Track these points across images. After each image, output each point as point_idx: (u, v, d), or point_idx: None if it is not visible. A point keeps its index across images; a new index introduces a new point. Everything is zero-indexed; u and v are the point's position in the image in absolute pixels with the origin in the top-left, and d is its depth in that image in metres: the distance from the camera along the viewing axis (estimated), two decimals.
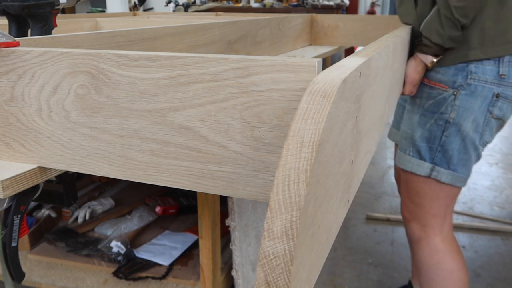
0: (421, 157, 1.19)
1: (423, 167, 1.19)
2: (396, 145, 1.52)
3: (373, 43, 0.68)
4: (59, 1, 0.85)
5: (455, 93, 1.12)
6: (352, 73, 0.40)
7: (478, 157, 1.19)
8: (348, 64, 0.43)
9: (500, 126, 1.16)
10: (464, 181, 1.19)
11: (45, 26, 0.82)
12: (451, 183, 1.18)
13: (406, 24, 1.20)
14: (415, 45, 1.15)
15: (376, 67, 0.57)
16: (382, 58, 0.62)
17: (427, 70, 1.17)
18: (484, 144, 1.17)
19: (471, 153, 1.16)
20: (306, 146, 0.31)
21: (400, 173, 1.30)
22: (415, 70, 1.15)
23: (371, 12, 5.75)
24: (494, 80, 1.08)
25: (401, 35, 0.93)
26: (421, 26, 1.12)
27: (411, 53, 1.19)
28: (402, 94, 1.19)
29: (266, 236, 0.29)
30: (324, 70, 0.40)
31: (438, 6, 1.07)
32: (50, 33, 0.83)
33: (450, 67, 1.12)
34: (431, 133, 1.17)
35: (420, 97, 1.19)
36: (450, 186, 1.18)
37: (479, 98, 1.10)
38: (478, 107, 1.11)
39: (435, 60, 1.13)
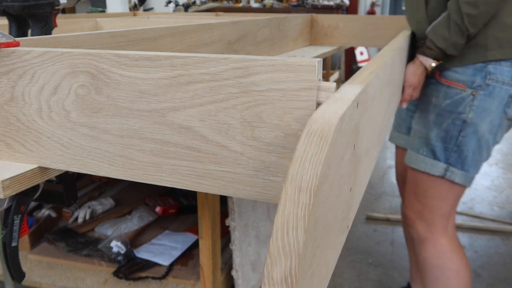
0: (435, 157, 1.18)
1: (437, 167, 1.18)
2: (397, 146, 1.50)
3: (372, 60, 0.67)
4: (59, 1, 0.85)
5: (474, 93, 1.11)
6: (350, 106, 0.39)
7: (488, 157, 1.19)
8: (345, 96, 0.42)
9: (509, 127, 1.17)
10: (472, 181, 1.19)
11: (45, 26, 0.82)
12: (462, 184, 1.17)
13: (411, 20, 1.19)
14: (417, 46, 1.14)
15: (374, 90, 0.56)
16: (380, 78, 0.61)
17: (433, 73, 1.15)
18: (495, 145, 1.18)
19: (484, 153, 1.16)
20: (304, 191, 0.31)
21: (408, 173, 1.28)
22: (414, 73, 1.14)
23: (371, 12, 5.75)
24: (510, 81, 1.09)
25: (400, 46, 0.93)
26: (428, 28, 1.11)
27: (410, 58, 1.19)
28: (402, 100, 1.17)
29: (266, 283, 0.30)
30: (322, 105, 0.40)
31: (449, 11, 1.06)
32: (50, 33, 0.84)
33: (469, 67, 1.11)
34: (448, 133, 1.15)
35: (437, 96, 1.17)
36: (460, 186, 1.18)
37: (496, 99, 1.10)
38: (495, 108, 1.11)
39: (434, 64, 1.12)
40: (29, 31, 0.84)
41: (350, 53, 5.30)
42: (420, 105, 1.24)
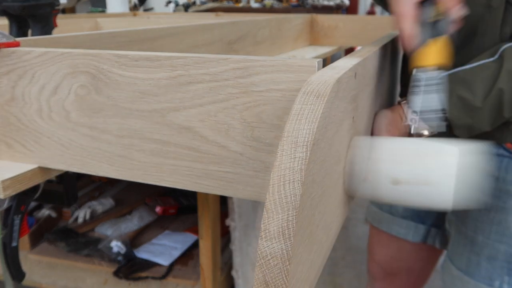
0: None
1: None
2: (374, 228, 0.99)
3: (370, 44, 0.68)
4: (59, 1, 0.85)
5: None
6: (346, 73, 0.40)
7: None
8: (342, 65, 0.44)
9: None
10: None
11: (45, 26, 0.82)
12: None
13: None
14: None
15: (373, 67, 0.57)
16: (379, 58, 0.62)
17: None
18: None
19: None
20: (301, 146, 0.31)
21: None
22: (391, 125, 0.62)
23: (371, 12, 5.75)
24: None
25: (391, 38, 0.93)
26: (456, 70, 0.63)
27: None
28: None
29: (263, 236, 0.29)
30: (319, 71, 0.40)
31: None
32: (50, 33, 0.84)
33: None
34: None
35: None
36: None
37: None
38: None
39: (426, 133, 0.61)
40: (29, 31, 0.84)
41: (350, 53, 5.29)
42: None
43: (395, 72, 1.06)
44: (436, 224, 0.90)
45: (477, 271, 0.73)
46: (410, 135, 0.61)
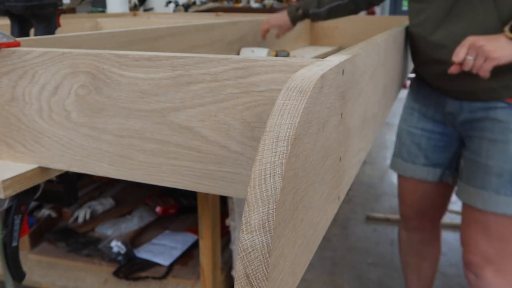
0: None
1: None
2: (407, 178, 1.30)
3: (362, 42, 0.68)
4: (62, 1, 0.85)
5: None
6: (333, 69, 0.40)
7: None
8: (330, 61, 0.44)
9: None
10: None
11: (48, 26, 0.83)
12: None
13: None
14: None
15: (364, 64, 0.57)
16: (370, 56, 0.62)
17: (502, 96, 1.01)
18: None
19: None
20: (282, 140, 0.31)
21: (471, 214, 1.09)
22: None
23: (371, 12, 5.74)
24: None
25: (394, 34, 0.93)
26: None
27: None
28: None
29: (244, 230, 0.29)
30: (305, 67, 0.40)
31: None
32: (53, 33, 0.84)
33: None
34: None
35: None
36: None
37: None
38: None
39: None
40: (32, 31, 0.84)
41: None
42: (495, 135, 1.04)
43: (406, 56, 1.09)
44: (449, 167, 1.23)
45: (488, 185, 1.03)
46: None
